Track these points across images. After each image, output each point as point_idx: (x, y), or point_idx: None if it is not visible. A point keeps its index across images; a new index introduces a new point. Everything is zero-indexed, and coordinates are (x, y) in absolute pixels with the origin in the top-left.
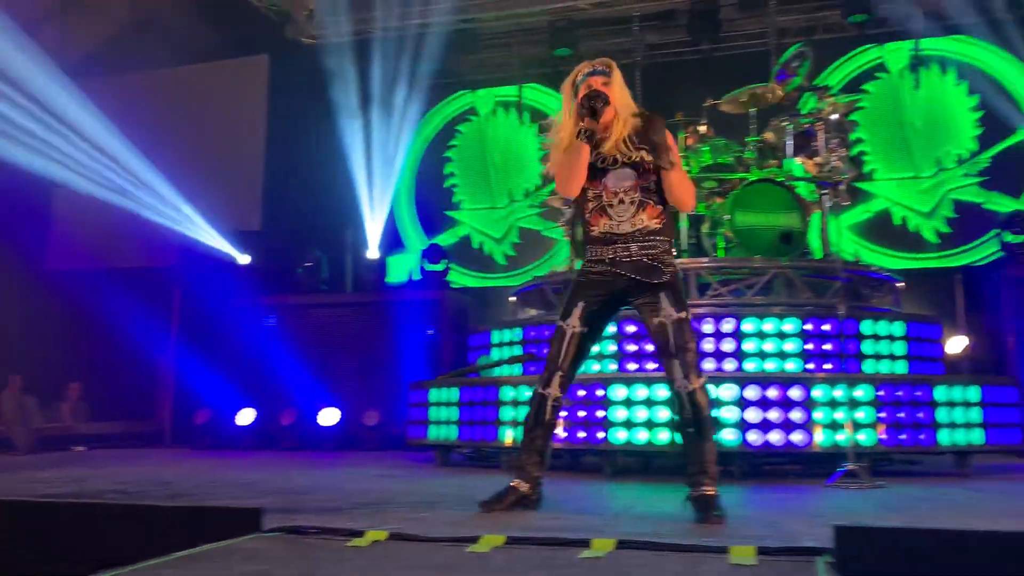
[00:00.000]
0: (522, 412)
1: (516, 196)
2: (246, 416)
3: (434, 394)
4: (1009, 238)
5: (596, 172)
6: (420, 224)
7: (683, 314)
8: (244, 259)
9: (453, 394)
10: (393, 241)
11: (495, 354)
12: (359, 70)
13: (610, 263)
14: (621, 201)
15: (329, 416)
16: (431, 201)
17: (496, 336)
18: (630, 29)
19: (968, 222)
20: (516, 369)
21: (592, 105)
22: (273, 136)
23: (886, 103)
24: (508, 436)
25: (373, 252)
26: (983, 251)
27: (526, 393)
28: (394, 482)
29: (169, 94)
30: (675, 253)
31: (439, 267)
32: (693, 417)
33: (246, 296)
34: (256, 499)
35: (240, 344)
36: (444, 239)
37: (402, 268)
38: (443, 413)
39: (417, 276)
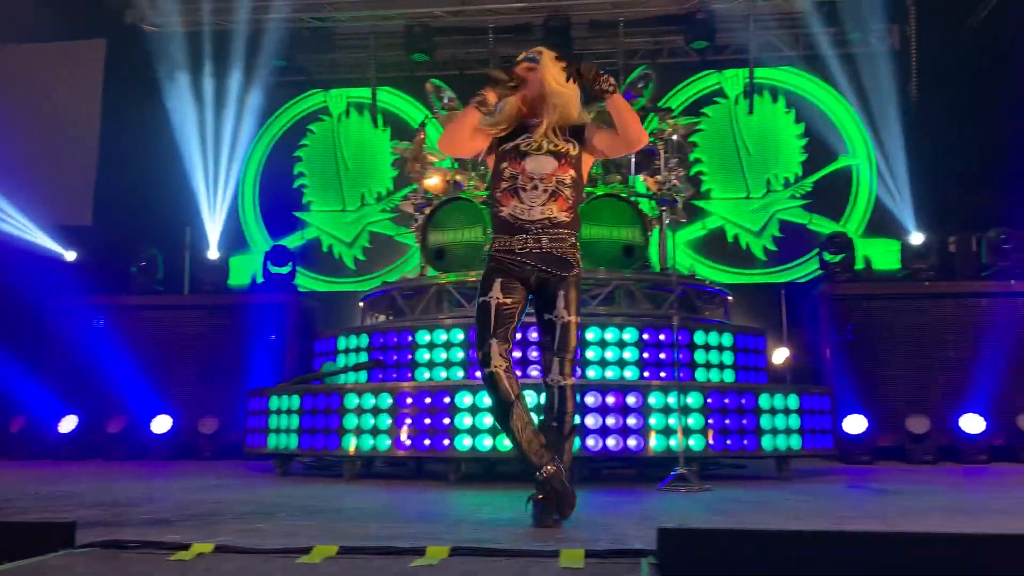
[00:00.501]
0: (366, 420)
1: (368, 200)
2: (68, 424)
3: (275, 401)
4: (828, 257)
5: (518, 154)
6: (265, 225)
7: (574, 318)
8: (70, 256)
9: (295, 402)
10: (236, 241)
11: (341, 361)
12: (202, 61)
13: (520, 254)
14: (535, 187)
15: (162, 424)
16: (278, 201)
17: (343, 342)
18: (486, 39)
19: (793, 241)
20: (362, 376)
21: (493, 76)
22: (107, 126)
23: (723, 127)
24: (352, 444)
25: (214, 252)
26: (805, 269)
27: (371, 401)
28: (229, 492)
29: None
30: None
31: (285, 270)
32: (559, 413)
33: (72, 296)
34: (72, 512)
35: (64, 347)
36: (291, 241)
37: (245, 270)
38: (284, 421)
39: (261, 279)
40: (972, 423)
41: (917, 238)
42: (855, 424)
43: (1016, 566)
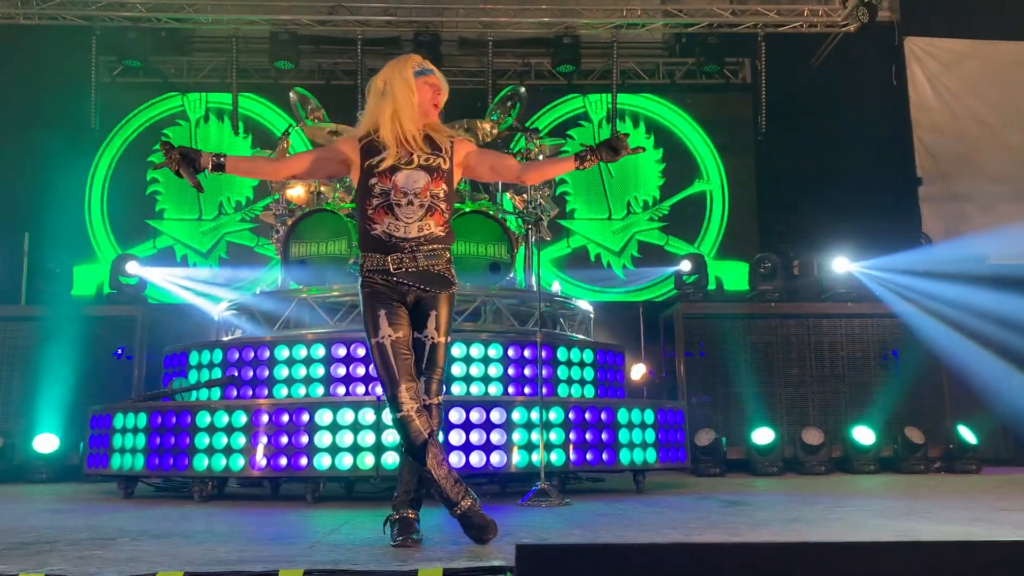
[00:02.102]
0: (218, 439)
1: (227, 208)
2: None
3: (120, 419)
4: (684, 278)
5: (390, 168)
6: (113, 232)
7: (444, 339)
8: None
9: (141, 420)
10: (80, 249)
11: (193, 376)
12: (45, 57)
13: (396, 274)
14: (410, 203)
15: None
16: (129, 208)
17: (195, 357)
18: (354, 50)
19: (650, 262)
20: (215, 393)
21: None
22: None
23: None
24: (203, 464)
25: (55, 260)
26: (662, 288)
27: (224, 418)
28: (66, 517)
29: None
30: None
31: (134, 280)
32: (428, 424)
33: None
34: None
35: None
36: (142, 250)
37: (91, 280)
38: (129, 440)
39: (108, 289)
40: (813, 436)
41: (764, 261)
42: (706, 438)
43: (850, 572)
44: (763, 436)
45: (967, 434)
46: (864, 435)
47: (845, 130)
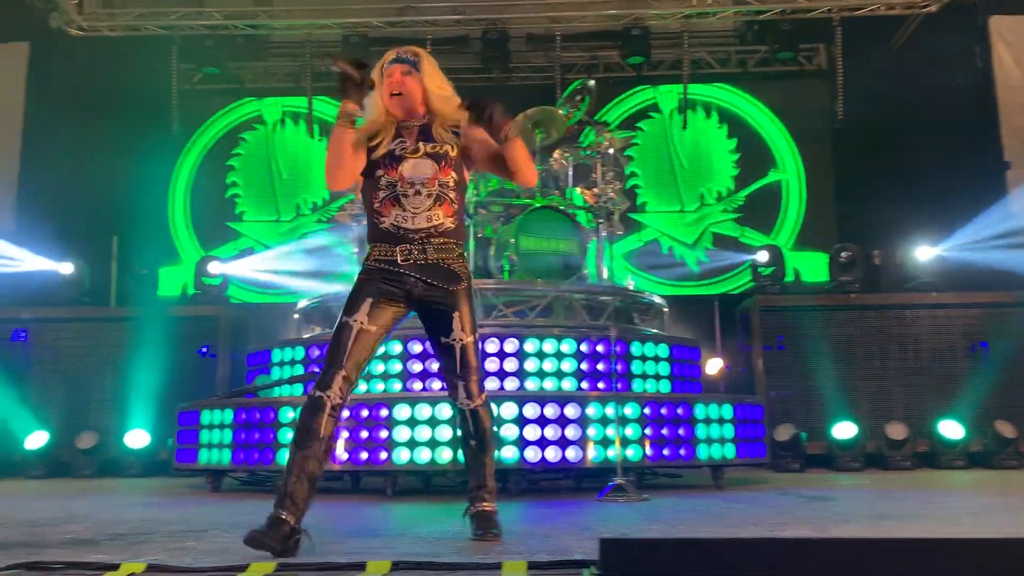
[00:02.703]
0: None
1: (304, 210)
2: None
3: (206, 416)
4: (760, 270)
5: (393, 159)
6: (197, 235)
7: (472, 337)
8: None
9: (227, 416)
10: (166, 252)
11: (276, 373)
12: (131, 67)
13: (403, 265)
14: (417, 192)
15: (88, 439)
16: (210, 211)
17: (277, 355)
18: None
19: (725, 254)
20: (297, 389)
21: (342, 82)
22: (31, 132)
23: (658, 141)
24: (287, 458)
25: (143, 263)
26: (737, 280)
27: None
28: (159, 510)
29: None
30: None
31: (217, 281)
32: (475, 432)
33: None
34: None
35: None
36: (223, 251)
37: (176, 281)
38: (216, 436)
39: (192, 290)
40: (897, 431)
41: (844, 251)
42: (786, 433)
43: (942, 570)
44: (844, 431)
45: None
46: (951, 429)
47: (926, 115)
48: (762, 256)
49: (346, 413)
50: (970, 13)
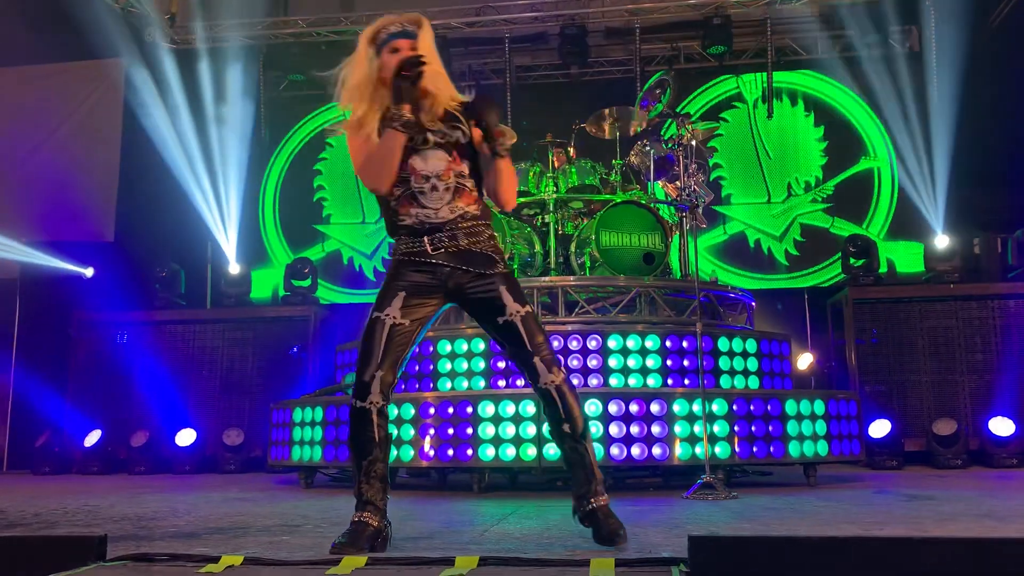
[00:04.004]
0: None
1: None
2: (92, 438)
3: (298, 413)
4: (852, 261)
5: (402, 152)
6: (286, 238)
7: (528, 307)
8: (88, 272)
9: (318, 414)
10: (258, 255)
11: None
12: (221, 77)
13: (433, 254)
14: (434, 187)
15: (186, 437)
16: (298, 214)
17: None
18: (502, 49)
19: (815, 245)
20: None
21: (409, 78)
22: (128, 143)
23: (742, 131)
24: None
25: (235, 266)
26: (828, 273)
27: (393, 411)
28: (254, 505)
29: (11, 94)
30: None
31: (306, 283)
32: (566, 414)
33: (96, 311)
34: (101, 526)
35: (87, 362)
36: (312, 254)
37: (267, 283)
38: (308, 433)
39: (283, 292)
40: (1001, 426)
41: (941, 240)
42: (881, 429)
43: None
44: (945, 427)
45: None
46: None
47: None
48: (854, 247)
49: (432, 410)
50: None
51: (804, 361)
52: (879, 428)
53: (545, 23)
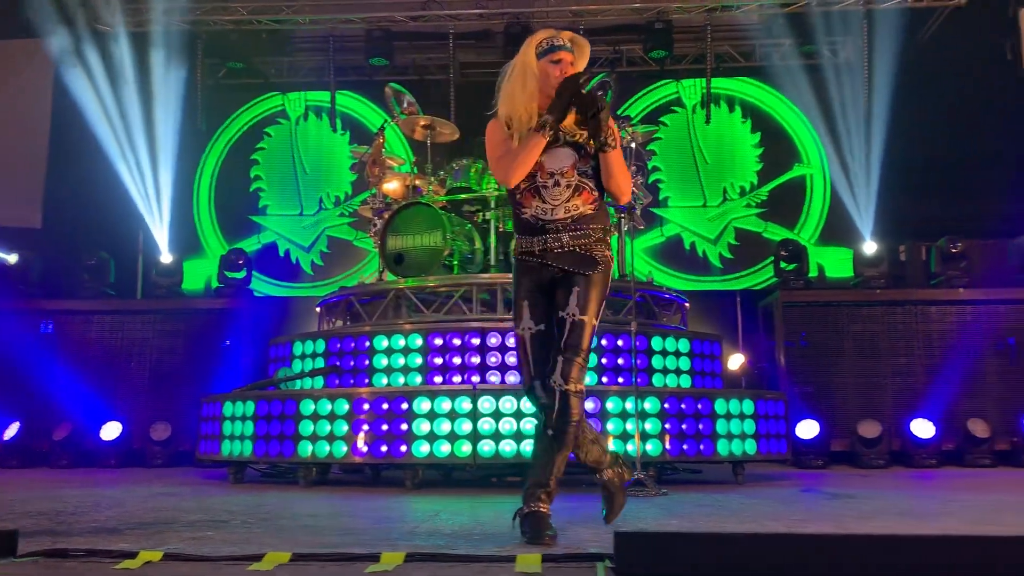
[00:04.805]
0: (322, 426)
1: (327, 204)
2: (11, 431)
3: (229, 407)
4: (783, 265)
5: None
6: (221, 228)
7: (585, 317)
8: (12, 259)
9: (249, 408)
10: (191, 245)
11: (297, 366)
12: (156, 62)
13: (540, 255)
14: (556, 183)
15: (111, 430)
16: (234, 205)
17: (299, 347)
18: (446, 45)
19: (748, 249)
20: (318, 382)
21: (593, 114)
22: (58, 127)
23: (680, 136)
24: (308, 451)
25: (167, 256)
26: (761, 276)
27: (327, 406)
28: (181, 500)
29: None
30: (609, 242)
31: (241, 275)
32: (556, 420)
33: (17, 300)
34: (14, 521)
35: (8, 351)
36: (247, 245)
37: (200, 274)
38: (238, 427)
39: (216, 283)
40: (922, 428)
41: (869, 247)
42: (808, 429)
43: (964, 567)
44: (869, 429)
45: None
46: (979, 428)
47: (955, 108)
48: (785, 252)
49: (366, 406)
50: (1000, 4)
51: (735, 362)
52: (807, 429)
53: (490, 20)
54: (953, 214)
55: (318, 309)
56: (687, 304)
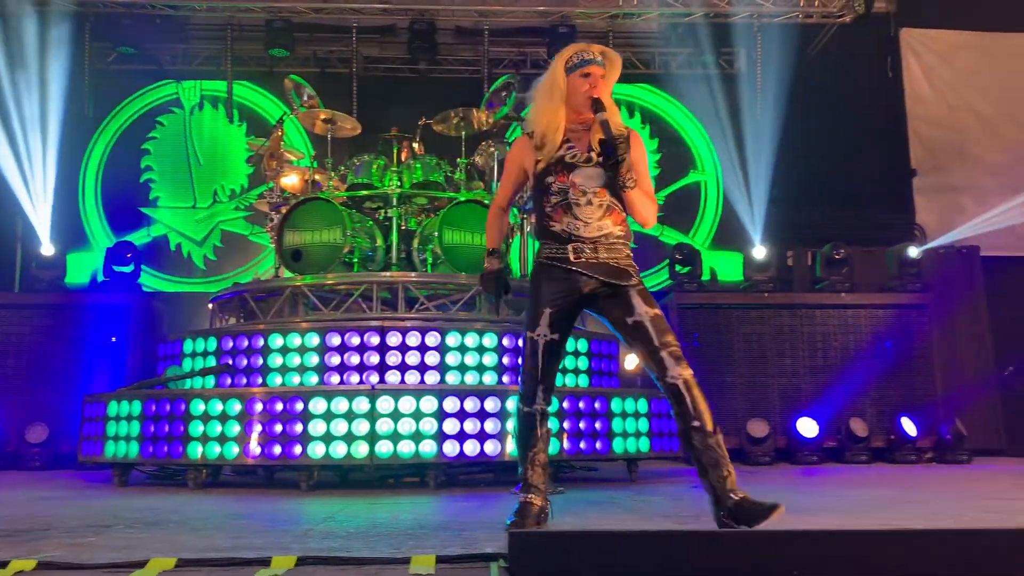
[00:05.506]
0: (213, 427)
1: (221, 197)
2: None
3: (114, 407)
4: (677, 268)
5: (564, 166)
6: (108, 220)
7: (657, 310)
8: None
9: (135, 407)
10: (75, 236)
11: (188, 365)
12: (42, 43)
13: (573, 263)
14: (589, 202)
15: None
16: (123, 196)
17: (189, 345)
18: (349, 39)
19: (644, 252)
20: (209, 381)
21: (614, 163)
22: None
23: None
24: (198, 452)
25: (48, 247)
26: (656, 278)
27: (218, 406)
28: (61, 505)
29: None
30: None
31: (129, 268)
32: (694, 409)
33: None
34: None
35: None
36: (136, 238)
37: (85, 267)
38: (124, 428)
39: (102, 277)
40: (806, 427)
41: (759, 251)
42: (807, 427)
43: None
44: (758, 428)
45: (909, 426)
46: (859, 426)
47: (840, 121)
48: (679, 255)
49: (259, 407)
50: (883, 24)
51: (631, 361)
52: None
53: (394, 16)
54: (837, 222)
55: (211, 306)
56: None
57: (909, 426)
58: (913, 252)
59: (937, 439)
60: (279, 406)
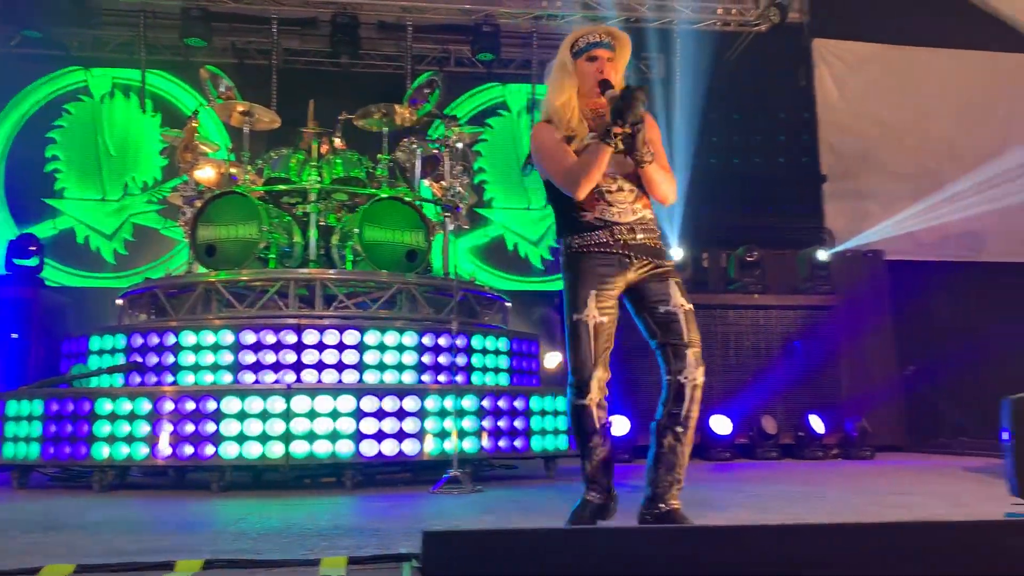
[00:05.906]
0: (120, 427)
1: (133, 189)
2: None
3: (13, 406)
4: None
5: None
6: (10, 211)
7: (691, 305)
8: None
9: (37, 407)
10: None
11: (94, 363)
12: None
13: (615, 244)
14: (620, 188)
15: None
16: (26, 186)
17: (96, 342)
18: (269, 30)
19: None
20: (117, 379)
21: (632, 117)
22: None
23: (506, 139)
24: (104, 453)
25: None
26: None
27: (126, 406)
28: None
29: None
30: None
31: (32, 262)
32: (686, 413)
33: None
34: None
35: None
36: (41, 230)
37: None
38: (23, 428)
39: (2, 271)
40: (720, 424)
41: (676, 253)
42: (621, 426)
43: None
44: None
45: (816, 424)
46: (769, 424)
47: (755, 127)
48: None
49: (170, 406)
50: (797, 34)
51: (552, 360)
52: (619, 425)
53: (316, 8)
54: (750, 225)
55: (120, 302)
56: (508, 304)
57: (817, 423)
58: (822, 255)
59: (843, 436)
60: (190, 405)
